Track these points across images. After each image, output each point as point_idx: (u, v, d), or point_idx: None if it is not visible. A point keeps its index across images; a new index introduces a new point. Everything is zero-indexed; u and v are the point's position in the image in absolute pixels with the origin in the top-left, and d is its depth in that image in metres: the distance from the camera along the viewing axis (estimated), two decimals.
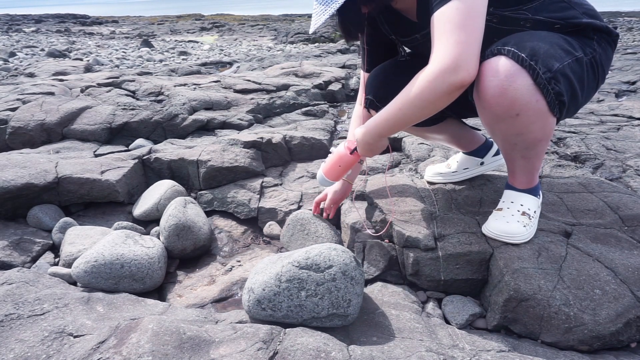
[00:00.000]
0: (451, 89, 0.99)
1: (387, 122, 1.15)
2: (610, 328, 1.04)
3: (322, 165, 1.43)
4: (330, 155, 1.40)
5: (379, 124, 1.17)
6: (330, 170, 1.39)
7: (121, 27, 16.49)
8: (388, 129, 1.16)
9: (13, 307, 1.14)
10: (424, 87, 1.02)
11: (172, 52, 8.80)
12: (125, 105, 2.76)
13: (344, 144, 1.37)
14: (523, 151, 1.18)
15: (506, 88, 1.02)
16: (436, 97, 1.01)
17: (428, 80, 1.00)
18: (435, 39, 0.99)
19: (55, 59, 6.99)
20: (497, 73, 1.02)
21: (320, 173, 1.42)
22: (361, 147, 1.26)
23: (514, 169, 1.28)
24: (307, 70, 3.96)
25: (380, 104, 1.40)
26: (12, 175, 1.74)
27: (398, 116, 1.10)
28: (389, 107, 1.12)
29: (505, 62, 1.02)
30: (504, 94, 1.02)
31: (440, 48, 0.98)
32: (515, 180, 1.29)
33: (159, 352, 0.95)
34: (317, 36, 11.35)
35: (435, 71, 0.99)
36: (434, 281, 1.30)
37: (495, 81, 1.02)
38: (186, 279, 1.53)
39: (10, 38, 11.22)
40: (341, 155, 1.36)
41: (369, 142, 1.23)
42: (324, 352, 0.97)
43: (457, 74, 0.97)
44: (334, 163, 1.38)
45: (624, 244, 1.25)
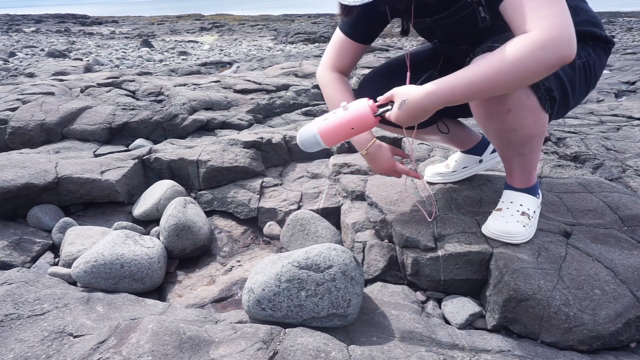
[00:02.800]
0: (560, 62, 0.92)
1: (470, 85, 0.98)
2: (609, 328, 1.04)
3: (316, 122, 1.15)
4: (337, 113, 1.13)
5: (457, 86, 0.99)
6: (334, 131, 1.12)
7: (121, 27, 16.49)
8: (467, 94, 1.00)
9: (13, 307, 1.14)
10: (530, 54, 0.91)
11: (172, 52, 8.80)
12: (125, 105, 2.76)
13: (362, 102, 1.11)
14: (518, 148, 1.19)
15: None
16: (541, 68, 0.93)
17: (539, 47, 0.91)
18: (528, 11, 0.93)
19: (55, 59, 6.99)
20: None
21: (311, 132, 1.14)
22: (410, 110, 1.05)
23: (511, 168, 1.29)
24: (307, 70, 3.96)
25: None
26: (12, 175, 1.74)
27: (491, 81, 0.96)
28: (477, 70, 0.97)
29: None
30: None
31: (544, 18, 0.91)
32: (513, 180, 1.30)
33: (159, 352, 0.95)
34: (317, 36, 11.35)
35: (547, 39, 0.90)
36: (434, 281, 1.30)
37: None
38: (186, 279, 1.53)
39: (10, 38, 11.22)
40: (361, 115, 1.10)
41: (426, 107, 1.03)
42: (323, 352, 0.98)
43: (570, 46, 0.91)
44: (344, 123, 1.11)
45: (624, 244, 1.25)
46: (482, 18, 1.09)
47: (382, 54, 6.54)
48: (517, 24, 0.96)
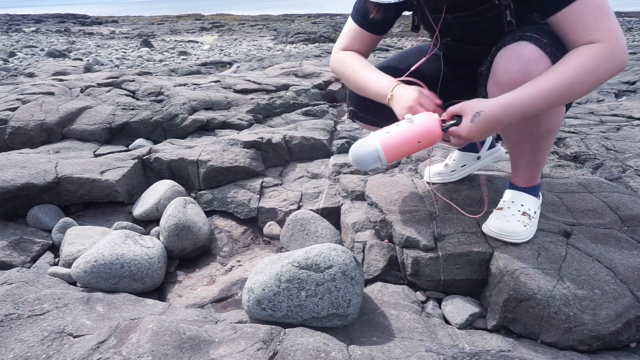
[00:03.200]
0: (620, 69, 1.01)
1: (549, 95, 0.99)
2: (609, 328, 1.04)
3: (376, 136, 1.07)
4: (402, 124, 1.06)
5: (536, 96, 1.00)
6: (399, 146, 1.06)
7: (121, 27, 16.49)
8: (543, 105, 1.01)
9: (13, 307, 1.14)
10: (600, 64, 0.98)
11: (172, 52, 8.80)
12: (125, 105, 2.76)
13: (430, 115, 1.05)
14: (536, 142, 1.19)
15: (529, 72, 1.02)
16: (607, 76, 1.01)
17: (607, 59, 0.98)
18: (590, 23, 0.99)
19: (55, 59, 6.98)
20: (521, 57, 1.03)
21: (372, 147, 1.06)
22: (484, 124, 1.03)
23: (518, 166, 1.28)
24: (307, 70, 3.96)
25: (362, 113, 1.42)
26: (12, 175, 1.74)
27: (567, 90, 0.99)
28: (554, 80, 0.99)
29: (529, 46, 1.03)
30: (527, 78, 1.02)
31: (607, 30, 0.98)
32: (518, 178, 1.30)
33: (159, 352, 0.95)
34: (317, 36, 11.35)
35: (612, 51, 0.98)
36: (434, 281, 1.30)
37: (518, 65, 1.03)
38: (186, 279, 1.53)
39: (10, 38, 11.22)
40: (430, 129, 1.04)
41: (502, 119, 1.03)
42: (323, 352, 0.97)
43: (626, 55, 1.00)
44: (411, 138, 1.05)
45: (624, 244, 1.25)
46: (509, 22, 1.09)
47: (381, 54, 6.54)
48: (577, 34, 1.00)
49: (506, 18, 1.09)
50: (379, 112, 1.39)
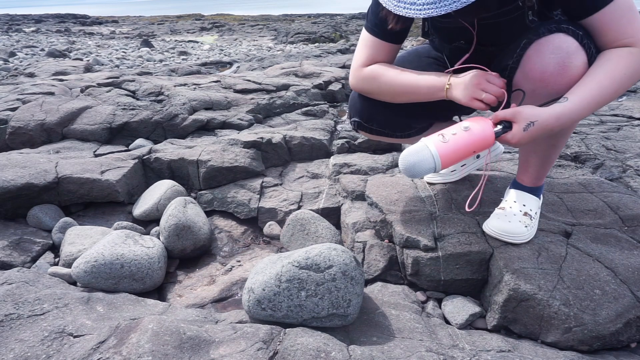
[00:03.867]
0: None
1: (598, 102, 1.00)
2: (610, 328, 1.04)
3: (431, 143, 1.03)
4: (459, 132, 1.03)
5: (587, 104, 1.00)
6: (456, 153, 1.03)
7: (121, 27, 16.49)
8: (592, 110, 1.02)
9: (13, 307, 1.14)
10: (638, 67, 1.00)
11: (172, 52, 8.80)
12: (125, 105, 2.76)
13: (485, 123, 1.03)
14: (556, 138, 1.17)
15: (567, 65, 1.01)
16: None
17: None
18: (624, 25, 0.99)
19: (55, 58, 6.98)
20: (559, 50, 1.00)
21: (428, 154, 1.03)
22: (537, 133, 1.01)
23: (529, 164, 1.27)
24: (307, 70, 3.96)
25: (367, 124, 1.39)
26: (12, 175, 1.74)
27: (613, 95, 1.01)
28: (602, 86, 0.99)
29: (566, 39, 1.01)
30: (564, 71, 1.01)
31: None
32: (525, 177, 1.29)
33: (159, 352, 0.95)
34: (317, 36, 11.35)
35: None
36: (434, 281, 1.30)
37: (556, 58, 1.01)
38: (186, 279, 1.53)
39: (10, 38, 11.22)
40: (486, 137, 1.02)
41: (554, 129, 1.02)
42: (324, 352, 0.97)
43: None
44: (468, 146, 1.03)
45: (624, 244, 1.25)
46: (531, 21, 1.07)
47: None
48: (613, 35, 1.00)
49: (528, 18, 1.07)
50: (385, 123, 1.37)
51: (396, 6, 0.96)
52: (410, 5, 0.93)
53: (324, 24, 13.84)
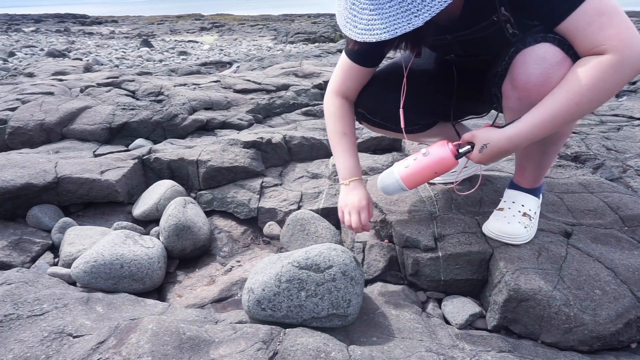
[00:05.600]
0: (634, 75, 0.95)
1: (552, 122, 0.99)
2: (610, 328, 1.04)
3: (396, 169, 1.21)
4: (418, 157, 1.17)
5: (539, 124, 0.99)
6: (417, 176, 1.18)
7: (121, 27, 16.48)
8: (548, 130, 1.01)
9: (12, 307, 1.14)
10: (607, 78, 0.93)
11: (172, 52, 8.80)
12: (125, 105, 2.76)
13: (443, 147, 1.15)
14: (546, 145, 1.17)
15: (550, 76, 1.00)
16: (619, 87, 0.96)
17: (615, 70, 0.92)
18: (594, 33, 0.94)
19: (54, 58, 6.98)
20: (543, 60, 0.99)
21: (393, 179, 1.21)
22: (492, 154, 1.07)
23: (525, 167, 1.27)
24: (307, 70, 3.96)
25: (371, 116, 1.39)
26: (11, 175, 1.73)
27: (572, 113, 0.97)
28: (557, 105, 0.97)
29: (551, 49, 0.99)
30: (547, 82, 1.00)
31: (614, 37, 0.92)
32: (522, 179, 1.29)
33: (159, 352, 0.95)
34: (317, 36, 11.35)
35: (621, 61, 0.92)
36: (434, 281, 1.30)
37: (540, 69, 1.00)
38: (186, 279, 1.53)
39: (10, 38, 11.21)
40: (443, 158, 1.14)
41: (508, 150, 1.05)
42: (324, 352, 0.97)
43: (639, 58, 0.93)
44: (427, 168, 1.16)
45: (624, 244, 1.25)
46: (512, 34, 1.07)
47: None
48: (583, 45, 0.96)
49: (508, 31, 1.06)
50: (388, 116, 1.38)
51: (344, 26, 0.99)
52: (353, 28, 0.95)
53: (324, 24, 13.84)
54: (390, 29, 0.90)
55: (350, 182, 1.31)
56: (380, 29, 0.91)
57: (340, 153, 1.35)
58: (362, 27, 0.94)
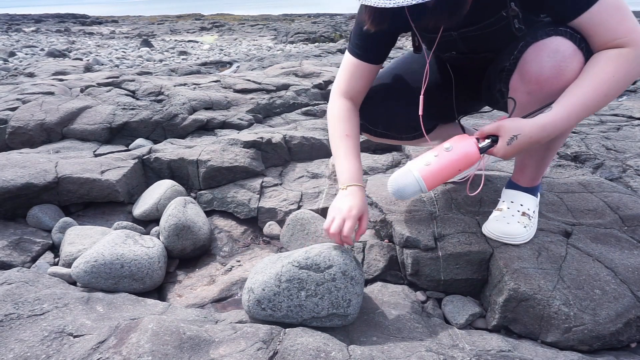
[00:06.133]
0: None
1: (583, 111, 0.99)
2: (610, 328, 1.04)
3: (415, 167, 1.07)
4: (440, 153, 1.06)
5: (572, 113, 0.98)
6: (440, 174, 1.06)
7: (121, 27, 16.48)
8: (579, 119, 1.01)
9: (13, 307, 1.14)
10: (632, 70, 0.97)
11: (172, 52, 8.80)
12: (125, 105, 2.76)
13: (468, 141, 1.05)
14: (551, 141, 1.16)
15: (563, 69, 1.00)
16: (634, 79, 1.00)
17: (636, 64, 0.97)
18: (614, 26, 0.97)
19: (55, 58, 6.98)
20: (556, 53, 1.00)
21: (412, 179, 1.07)
22: (522, 145, 1.01)
23: (526, 165, 1.27)
24: (307, 70, 3.96)
25: (372, 126, 1.39)
26: (11, 175, 1.74)
27: (601, 101, 0.99)
28: (587, 94, 0.98)
29: (564, 42, 1.00)
30: (560, 74, 1.00)
31: (632, 31, 0.96)
32: (522, 177, 1.29)
33: (159, 352, 0.95)
34: (317, 36, 11.35)
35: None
36: (434, 281, 1.30)
37: (552, 61, 1.00)
38: (186, 278, 1.53)
39: (10, 38, 11.22)
40: (468, 153, 1.04)
41: (541, 140, 1.01)
42: (324, 352, 0.97)
43: None
44: (451, 164, 1.05)
45: (624, 244, 1.25)
46: (518, 29, 1.07)
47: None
48: (603, 37, 0.98)
49: (514, 26, 1.07)
50: (390, 125, 1.37)
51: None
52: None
53: (324, 24, 13.84)
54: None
55: (348, 187, 1.20)
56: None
57: (341, 155, 1.25)
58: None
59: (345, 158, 1.24)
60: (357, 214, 1.14)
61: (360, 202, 1.16)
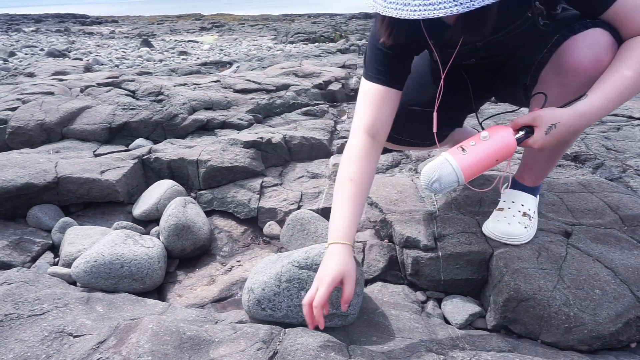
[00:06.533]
0: None
1: (621, 97, 0.97)
2: (610, 328, 1.04)
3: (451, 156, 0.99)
4: (478, 142, 0.99)
5: (610, 100, 0.97)
6: (478, 164, 0.99)
7: (121, 26, 16.48)
8: (617, 105, 0.99)
9: (13, 307, 1.14)
10: None
11: (172, 52, 8.80)
12: (125, 105, 2.76)
13: (506, 131, 0.99)
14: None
15: (601, 59, 1.00)
16: None
17: None
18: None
19: (54, 58, 6.98)
20: (595, 44, 1.00)
21: (449, 169, 0.98)
22: (561, 134, 0.97)
23: (534, 163, 1.26)
24: (307, 70, 3.96)
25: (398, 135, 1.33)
26: (11, 175, 1.74)
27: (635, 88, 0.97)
28: (623, 81, 0.96)
29: (603, 33, 1.01)
30: (598, 65, 1.01)
31: None
32: (528, 176, 1.28)
33: (159, 352, 0.95)
34: (317, 36, 11.34)
35: None
36: (434, 281, 1.30)
37: (592, 52, 1.00)
38: (186, 278, 1.53)
39: (10, 38, 11.21)
40: (507, 143, 0.98)
41: (579, 128, 1.00)
42: (324, 352, 0.97)
43: None
44: (490, 154, 0.98)
45: (624, 244, 1.25)
46: (544, 25, 1.06)
47: None
48: (632, 28, 0.98)
49: (539, 23, 1.06)
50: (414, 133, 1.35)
51: (385, 7, 0.87)
52: (403, 7, 0.83)
53: (324, 24, 13.84)
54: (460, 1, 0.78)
55: (330, 246, 1.05)
56: (447, 2, 0.79)
57: (336, 204, 1.10)
58: (418, 2, 0.81)
59: (339, 208, 1.10)
60: (332, 280, 0.98)
61: (338, 265, 1.00)
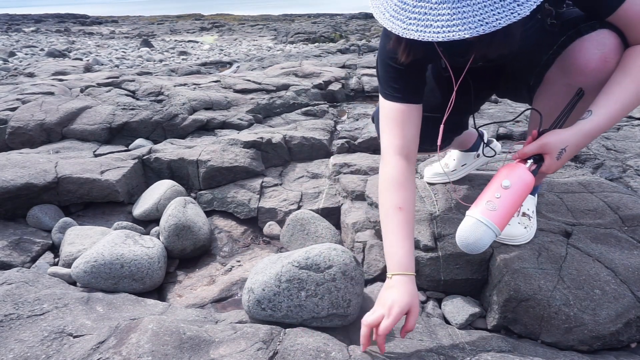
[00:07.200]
0: None
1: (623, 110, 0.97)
2: (610, 328, 1.04)
3: (483, 217, 0.97)
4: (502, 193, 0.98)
5: (612, 117, 0.97)
6: (509, 214, 0.98)
7: (121, 27, 16.49)
8: (620, 118, 1.00)
9: (13, 307, 1.14)
10: None
11: (172, 52, 8.80)
12: (125, 105, 2.76)
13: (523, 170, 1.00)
14: None
15: (609, 61, 1.01)
16: None
17: None
18: None
19: (54, 58, 6.98)
20: (603, 45, 1.00)
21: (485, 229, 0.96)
22: (569, 157, 0.99)
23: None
24: (307, 70, 3.96)
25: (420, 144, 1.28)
26: (11, 175, 1.74)
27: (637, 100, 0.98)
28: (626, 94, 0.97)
29: (611, 35, 1.01)
30: (605, 66, 1.01)
31: None
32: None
33: (159, 352, 0.95)
34: (317, 36, 11.35)
35: None
36: (434, 281, 1.30)
37: (599, 53, 1.01)
38: (186, 279, 1.53)
39: (10, 38, 11.22)
40: (528, 183, 0.99)
41: (584, 146, 1.01)
42: (323, 352, 0.97)
43: None
44: (517, 201, 0.99)
45: (624, 244, 1.25)
46: (551, 24, 1.06)
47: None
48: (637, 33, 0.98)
49: (547, 22, 1.06)
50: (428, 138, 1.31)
51: (405, 30, 0.82)
52: (425, 28, 0.80)
53: (324, 24, 13.84)
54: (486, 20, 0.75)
55: (393, 277, 1.03)
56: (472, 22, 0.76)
57: (390, 233, 1.09)
58: (441, 23, 0.78)
59: (395, 238, 1.08)
60: (400, 311, 0.97)
61: (405, 296, 1.00)
